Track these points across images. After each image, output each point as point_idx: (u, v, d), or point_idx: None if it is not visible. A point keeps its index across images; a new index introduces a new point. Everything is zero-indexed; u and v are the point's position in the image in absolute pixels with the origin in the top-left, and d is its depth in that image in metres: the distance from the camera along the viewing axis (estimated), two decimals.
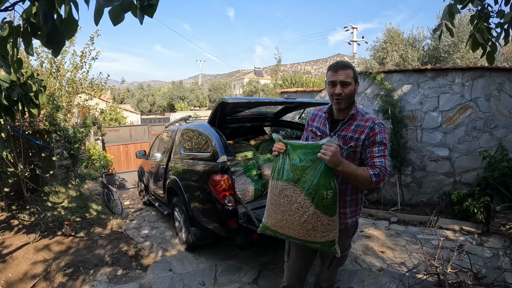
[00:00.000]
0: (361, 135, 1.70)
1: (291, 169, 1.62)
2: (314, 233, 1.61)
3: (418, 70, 5.18)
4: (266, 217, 1.78)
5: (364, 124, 1.72)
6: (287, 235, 1.69)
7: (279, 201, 1.66)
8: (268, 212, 1.76)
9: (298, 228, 1.63)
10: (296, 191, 1.59)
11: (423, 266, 3.16)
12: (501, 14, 2.02)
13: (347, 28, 20.76)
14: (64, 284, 3.08)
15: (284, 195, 1.64)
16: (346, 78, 1.68)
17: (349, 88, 1.69)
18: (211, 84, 36.81)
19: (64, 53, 6.62)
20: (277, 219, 1.69)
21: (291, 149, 1.65)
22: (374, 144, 1.68)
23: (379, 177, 1.60)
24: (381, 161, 1.65)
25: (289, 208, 1.62)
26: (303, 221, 1.60)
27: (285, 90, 7.10)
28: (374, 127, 1.69)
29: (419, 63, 11.52)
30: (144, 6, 1.11)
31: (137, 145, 9.80)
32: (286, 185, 1.63)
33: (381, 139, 1.69)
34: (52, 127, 5.02)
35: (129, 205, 6.69)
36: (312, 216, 1.58)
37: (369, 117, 1.74)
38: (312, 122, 1.95)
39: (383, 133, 1.70)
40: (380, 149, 1.68)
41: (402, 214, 4.83)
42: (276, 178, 1.68)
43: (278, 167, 1.68)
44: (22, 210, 4.34)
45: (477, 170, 4.76)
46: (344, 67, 1.70)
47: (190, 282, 3.11)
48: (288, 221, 1.64)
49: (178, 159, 4.14)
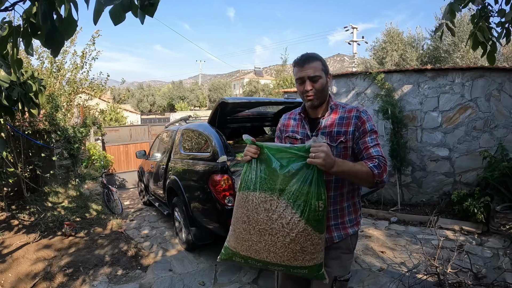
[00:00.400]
0: (349, 127, 1.51)
1: (270, 177, 1.33)
2: (302, 255, 1.31)
3: (418, 70, 5.18)
4: (233, 240, 1.42)
5: (348, 115, 1.54)
6: (265, 261, 1.36)
7: (255, 217, 1.33)
8: (237, 234, 1.40)
9: (282, 251, 1.31)
10: (280, 204, 1.29)
11: (423, 266, 3.16)
12: (502, 13, 2.02)
13: (347, 28, 20.76)
14: (64, 284, 3.08)
15: (263, 210, 1.31)
16: (314, 72, 1.49)
17: (319, 83, 1.50)
18: (211, 84, 36.82)
19: (65, 53, 6.63)
20: (251, 242, 1.35)
21: (269, 153, 1.37)
22: (366, 133, 1.51)
23: (380, 168, 1.41)
24: (377, 151, 1.48)
25: (270, 225, 1.30)
26: (289, 241, 1.29)
27: (286, 90, 7.10)
28: (360, 115, 1.52)
29: (418, 62, 11.52)
30: (144, 6, 1.11)
31: (137, 145, 9.80)
32: (266, 196, 1.32)
33: (371, 127, 1.52)
34: (52, 127, 5.02)
35: (129, 205, 6.69)
36: (302, 234, 1.29)
37: (351, 107, 1.57)
38: (287, 127, 1.69)
39: (370, 121, 1.54)
40: (373, 137, 1.51)
41: (402, 214, 4.83)
42: (250, 189, 1.35)
43: (251, 176, 1.37)
44: (22, 210, 4.34)
45: (477, 170, 4.76)
46: (310, 60, 1.50)
47: (190, 282, 3.11)
48: (268, 242, 1.31)
49: (178, 159, 4.14)
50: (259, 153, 1.38)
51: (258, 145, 1.38)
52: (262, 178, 1.34)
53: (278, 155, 1.35)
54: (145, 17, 1.13)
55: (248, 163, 1.40)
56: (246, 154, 1.40)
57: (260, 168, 1.36)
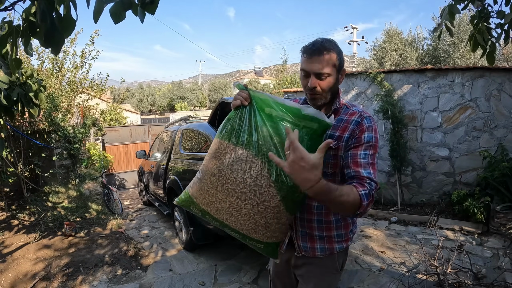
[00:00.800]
0: (344, 133, 1.24)
1: (258, 134, 1.10)
2: (263, 230, 1.18)
3: (418, 70, 5.18)
4: (196, 190, 1.24)
5: (348, 118, 1.27)
6: (223, 223, 1.21)
7: (227, 174, 1.13)
8: (202, 184, 1.21)
9: (244, 219, 1.16)
10: (260, 169, 1.09)
11: (423, 266, 3.16)
12: (501, 14, 2.02)
13: (347, 28, 20.76)
14: (64, 284, 3.08)
15: (239, 169, 1.11)
16: (323, 68, 1.19)
17: (327, 81, 1.21)
18: (211, 84, 36.82)
19: (65, 53, 6.64)
20: (215, 198, 1.18)
21: (259, 104, 1.13)
22: (360, 144, 1.20)
23: (369, 198, 1.08)
24: (369, 172, 1.15)
25: (241, 189, 1.12)
26: (255, 212, 1.13)
27: (286, 90, 7.10)
28: (362, 122, 1.23)
29: (418, 62, 11.53)
30: (145, 4, 1.10)
31: (137, 145, 9.80)
32: (247, 156, 1.10)
33: (370, 139, 1.20)
34: (52, 127, 5.02)
35: (129, 205, 6.69)
36: (272, 209, 1.12)
37: (355, 109, 1.30)
38: None
39: (372, 132, 1.22)
40: (368, 153, 1.19)
41: (402, 214, 4.83)
42: (231, 140, 1.14)
43: (236, 126, 1.14)
44: (22, 210, 4.34)
45: (477, 170, 4.76)
46: (322, 51, 1.19)
47: (190, 282, 3.11)
48: (233, 206, 1.15)
49: (178, 159, 4.14)
50: (249, 101, 1.16)
51: (250, 93, 1.15)
52: (246, 132, 1.12)
53: (269, 110, 1.12)
54: (145, 16, 1.13)
55: (236, 110, 1.18)
56: (236, 98, 1.18)
57: (248, 119, 1.13)
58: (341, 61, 1.24)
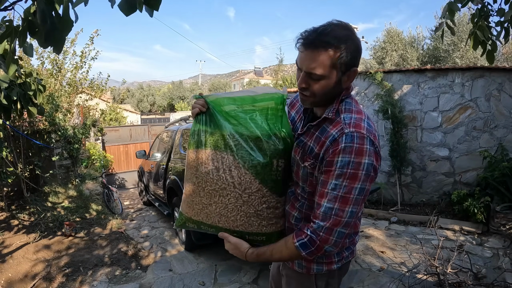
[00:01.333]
0: (320, 150, 1.01)
1: (220, 130, 1.16)
2: (257, 220, 1.15)
3: (418, 70, 5.18)
4: (185, 205, 1.27)
5: (330, 130, 1.00)
6: (217, 226, 1.18)
7: (204, 177, 1.16)
8: (187, 196, 1.25)
9: (234, 215, 1.14)
10: (231, 162, 1.12)
11: (423, 266, 3.16)
12: (501, 12, 2.02)
13: None
14: (64, 284, 3.08)
15: (212, 170, 1.14)
16: (315, 68, 0.94)
17: (320, 84, 0.97)
18: (211, 84, 36.85)
19: (65, 53, 6.64)
20: (201, 205, 1.19)
21: (215, 106, 1.17)
22: (330, 170, 0.95)
23: (311, 246, 0.96)
24: (329, 208, 0.94)
25: (220, 185, 1.13)
26: (241, 203, 1.13)
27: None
28: (339, 140, 0.95)
29: (418, 62, 11.53)
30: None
31: (137, 145, 9.80)
32: (215, 153, 1.14)
33: (344, 164, 0.93)
34: (52, 127, 5.02)
35: (129, 205, 6.69)
36: (256, 194, 1.11)
37: (343, 118, 1.00)
38: (291, 108, 1.31)
39: (351, 155, 0.93)
40: (339, 183, 0.93)
41: (402, 214, 4.83)
42: (199, 146, 1.17)
43: (200, 132, 1.18)
44: (22, 210, 4.34)
45: (477, 170, 4.76)
46: (317, 46, 0.93)
47: (190, 282, 3.11)
48: (219, 205, 1.15)
49: (178, 159, 4.14)
50: (207, 107, 1.17)
51: (206, 100, 1.19)
52: (210, 133, 1.16)
53: (224, 108, 1.16)
54: (145, 16, 1.11)
55: (196, 118, 1.20)
56: (194, 107, 1.17)
57: (209, 122, 1.17)
58: (350, 59, 0.95)
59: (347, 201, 0.94)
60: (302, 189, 1.11)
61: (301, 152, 1.09)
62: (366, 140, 0.94)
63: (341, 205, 0.94)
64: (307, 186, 1.09)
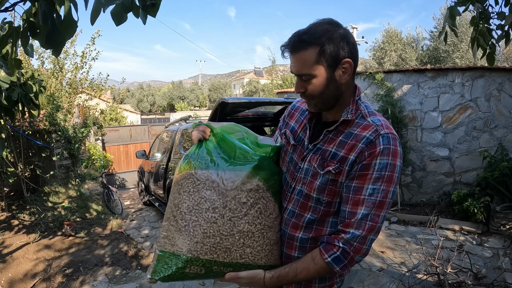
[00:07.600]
0: (350, 153, 0.93)
1: (235, 152, 1.04)
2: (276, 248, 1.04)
3: (418, 70, 5.18)
4: (186, 243, 0.96)
5: (359, 133, 0.94)
6: (237, 263, 0.98)
7: (222, 202, 0.98)
8: (193, 231, 0.96)
9: (260, 243, 0.99)
10: (256, 184, 1.01)
11: (423, 266, 3.16)
12: (501, 15, 2.02)
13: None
14: (64, 284, 3.08)
15: (236, 195, 0.98)
16: (301, 70, 0.93)
17: (312, 84, 0.94)
18: (211, 84, 36.82)
19: (65, 54, 6.65)
20: (219, 237, 0.96)
21: (219, 136, 1.06)
22: (367, 174, 0.90)
23: (344, 260, 0.90)
24: (365, 215, 0.89)
25: (246, 211, 0.98)
26: (267, 229, 1.01)
27: (282, 91, 7.08)
28: (376, 142, 0.90)
29: (418, 62, 11.54)
30: (146, 6, 1.10)
31: (137, 145, 9.80)
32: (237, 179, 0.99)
33: (383, 167, 0.89)
34: (52, 127, 5.03)
35: (129, 205, 6.69)
36: (277, 216, 1.06)
37: (371, 121, 0.95)
38: (289, 120, 1.19)
39: (389, 157, 0.90)
40: (377, 188, 0.89)
41: (402, 214, 4.83)
42: (201, 167, 1.04)
43: (200, 154, 1.07)
44: (22, 210, 4.34)
45: (477, 170, 4.76)
46: (296, 47, 0.92)
47: (190, 282, 3.11)
48: (244, 234, 0.97)
49: (178, 159, 4.14)
50: (209, 135, 1.08)
51: (210, 127, 1.08)
52: (226, 157, 1.05)
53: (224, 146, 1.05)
54: (147, 18, 1.13)
55: (199, 144, 1.10)
56: (195, 134, 1.09)
57: (213, 149, 1.06)
58: (335, 50, 0.90)
59: (383, 206, 0.90)
60: (317, 200, 0.99)
61: (320, 159, 0.99)
62: (398, 141, 0.94)
63: (377, 210, 0.90)
64: (325, 196, 0.98)
